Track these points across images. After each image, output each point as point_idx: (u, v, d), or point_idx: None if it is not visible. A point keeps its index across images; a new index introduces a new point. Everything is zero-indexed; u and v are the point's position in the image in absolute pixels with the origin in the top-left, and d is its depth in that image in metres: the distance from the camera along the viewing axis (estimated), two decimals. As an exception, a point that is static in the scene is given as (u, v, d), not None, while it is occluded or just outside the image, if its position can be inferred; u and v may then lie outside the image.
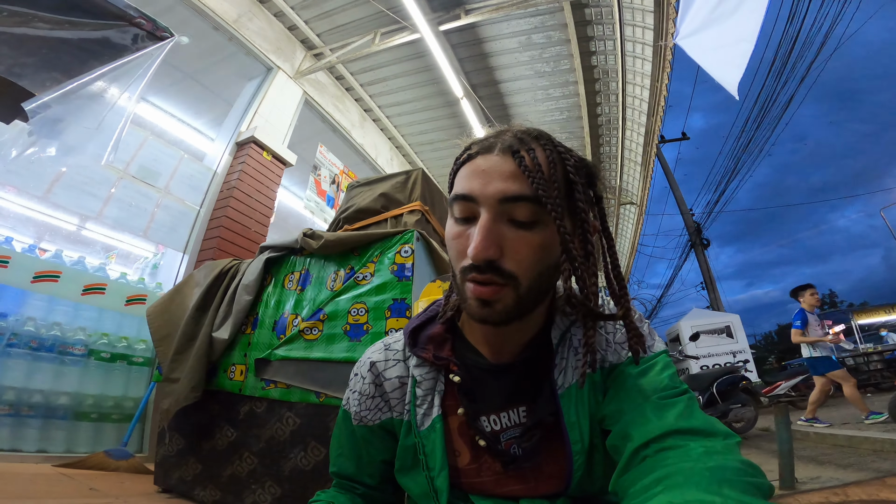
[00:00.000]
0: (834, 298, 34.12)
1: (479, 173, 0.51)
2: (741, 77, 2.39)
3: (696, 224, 11.82)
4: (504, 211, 0.49)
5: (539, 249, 0.50)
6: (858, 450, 3.66)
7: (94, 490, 1.69)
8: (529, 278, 0.50)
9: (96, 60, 1.32)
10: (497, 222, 0.49)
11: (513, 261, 0.49)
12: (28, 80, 1.25)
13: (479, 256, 0.48)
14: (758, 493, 0.35)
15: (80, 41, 1.29)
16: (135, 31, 1.40)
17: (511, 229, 0.50)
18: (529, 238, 0.50)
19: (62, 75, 1.28)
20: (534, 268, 0.50)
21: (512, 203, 0.49)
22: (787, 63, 6.50)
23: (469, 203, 0.51)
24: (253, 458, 1.61)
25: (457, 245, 0.53)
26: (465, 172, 0.53)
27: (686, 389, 0.51)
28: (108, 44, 1.34)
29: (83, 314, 2.52)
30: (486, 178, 0.50)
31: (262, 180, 3.77)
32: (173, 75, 4.21)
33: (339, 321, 1.62)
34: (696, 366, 7.13)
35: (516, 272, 0.49)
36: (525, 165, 0.49)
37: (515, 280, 0.49)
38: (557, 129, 6.89)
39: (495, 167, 0.50)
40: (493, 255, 0.48)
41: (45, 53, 1.25)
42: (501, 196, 0.49)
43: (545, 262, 0.51)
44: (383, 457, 0.65)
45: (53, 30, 1.24)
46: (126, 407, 2.60)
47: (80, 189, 2.64)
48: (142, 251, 4.02)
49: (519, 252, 0.49)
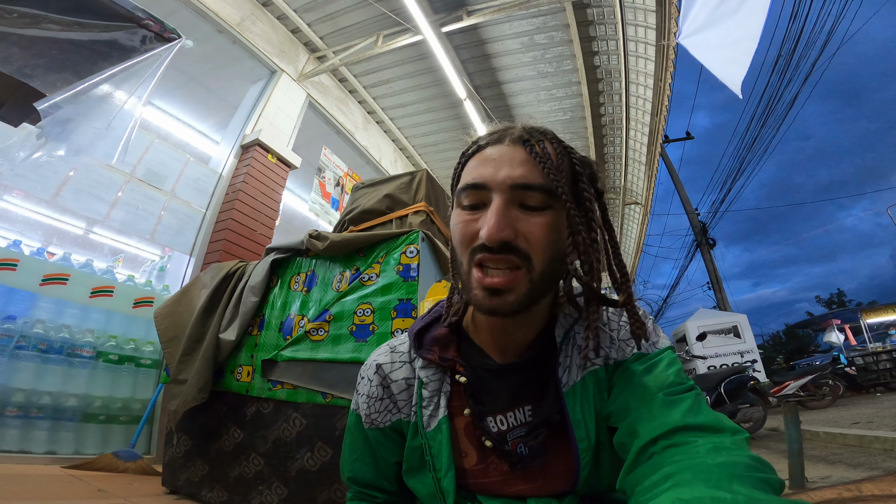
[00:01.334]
0: (842, 298, 33.68)
1: (491, 161, 0.52)
2: (745, 75, 2.39)
3: (702, 224, 11.74)
4: (515, 197, 0.50)
5: (551, 230, 0.51)
6: (869, 449, 3.62)
7: (102, 491, 1.70)
8: (542, 261, 0.50)
9: (105, 61, 1.34)
10: (509, 206, 0.50)
11: (526, 241, 0.50)
12: (39, 81, 1.27)
13: (493, 237, 0.48)
14: (768, 488, 0.35)
15: (90, 42, 1.30)
16: (143, 33, 1.41)
17: (522, 213, 0.51)
18: (541, 221, 0.50)
19: (72, 76, 1.30)
20: (546, 250, 0.50)
21: (523, 190, 0.50)
22: (790, 61, 6.45)
23: (480, 191, 0.52)
24: (260, 458, 1.62)
25: (463, 229, 0.53)
26: (475, 163, 0.54)
27: (693, 386, 0.50)
28: (116, 45, 1.36)
29: (91, 316, 2.54)
30: (498, 166, 0.51)
31: (267, 183, 3.79)
32: (178, 79, 4.25)
33: (345, 322, 1.62)
34: (704, 366, 7.08)
35: (530, 252, 0.50)
36: (536, 153, 0.51)
37: (529, 262, 0.50)
38: (561, 130, 6.89)
39: (506, 155, 0.52)
40: (508, 235, 0.48)
41: (55, 55, 1.27)
42: (513, 182, 0.50)
43: (556, 245, 0.51)
44: (398, 458, 0.64)
45: (63, 31, 1.25)
46: (134, 409, 2.61)
47: (88, 192, 2.66)
48: (149, 254, 4.05)
49: (532, 233, 0.50)
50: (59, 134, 1.29)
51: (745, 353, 8.25)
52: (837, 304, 31.45)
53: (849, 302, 31.82)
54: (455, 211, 0.56)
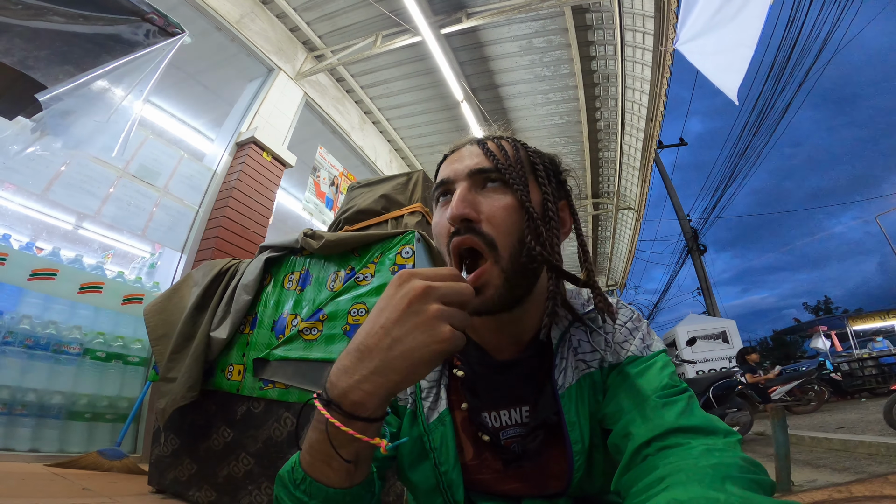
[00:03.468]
0: (829, 305, 34.22)
1: (453, 160, 0.60)
2: (741, 82, 2.38)
3: (693, 230, 11.86)
4: (475, 182, 0.56)
5: (512, 210, 0.54)
6: (854, 453, 3.67)
7: (86, 490, 1.68)
8: (508, 246, 0.52)
9: (108, 55, 1.33)
10: (469, 190, 0.55)
11: (489, 224, 0.53)
12: (41, 73, 1.25)
13: (455, 214, 0.52)
14: (760, 489, 0.36)
15: (94, 35, 1.29)
16: (147, 27, 1.41)
17: (482, 194, 0.55)
18: (501, 199, 0.54)
19: (74, 68, 1.29)
20: (510, 233, 0.53)
21: (480, 174, 0.56)
22: (785, 68, 6.49)
23: (446, 185, 0.58)
24: (249, 458, 1.60)
25: (439, 224, 0.58)
26: (443, 167, 0.62)
27: (686, 388, 0.51)
28: (120, 39, 1.35)
29: (79, 313, 2.51)
30: (458, 161, 0.59)
31: (261, 181, 3.77)
32: (175, 75, 4.21)
33: (339, 321, 1.61)
34: (693, 370, 7.15)
35: (493, 235, 0.52)
36: (487, 148, 0.57)
37: (496, 251, 0.52)
38: (557, 134, 6.94)
39: (465, 153, 0.60)
40: (469, 213, 0.52)
41: (58, 46, 1.26)
42: (469, 170, 0.56)
43: (519, 225, 0.53)
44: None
45: (67, 24, 1.24)
46: (120, 407, 2.58)
47: (79, 187, 2.63)
48: (139, 251, 4.01)
49: (494, 215, 0.53)
50: (57, 126, 1.28)
51: (733, 359, 8.35)
52: (824, 311, 31.94)
53: (835, 309, 32.33)
54: (434, 213, 0.62)
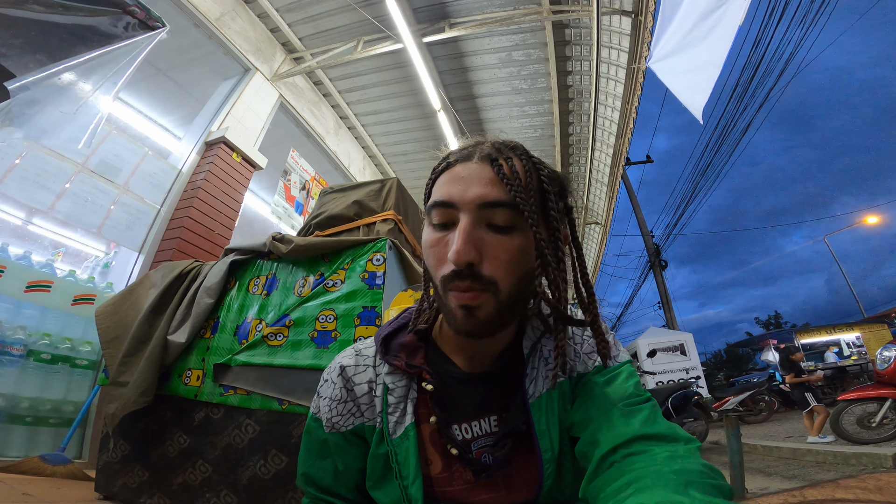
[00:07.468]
0: (779, 319, 36.24)
1: (459, 180, 0.52)
2: (707, 101, 2.42)
3: (656, 245, 12.33)
4: (483, 216, 0.51)
5: (517, 253, 0.51)
6: (802, 461, 3.90)
7: (27, 495, 1.57)
8: (508, 283, 0.51)
9: (84, 46, 1.28)
10: (476, 226, 0.50)
11: (491, 266, 0.50)
12: (12, 62, 1.19)
13: (460, 259, 0.48)
14: (720, 494, 0.37)
15: (72, 26, 1.24)
16: (127, 20, 1.36)
17: (489, 234, 0.51)
18: (507, 242, 0.51)
19: (47, 58, 1.23)
20: (512, 272, 0.51)
21: (490, 208, 0.50)
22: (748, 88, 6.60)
23: (448, 209, 0.52)
24: (207, 465, 1.55)
25: (435, 253, 0.53)
26: (444, 180, 0.55)
27: (649, 397, 0.53)
28: (98, 30, 1.30)
29: (24, 312, 2.35)
30: (466, 185, 0.52)
31: (229, 182, 3.66)
32: (144, 70, 4.02)
33: (306, 327, 1.59)
34: (653, 381, 7.39)
35: (495, 277, 0.50)
36: (503, 173, 0.51)
37: (495, 286, 0.50)
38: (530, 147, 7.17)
39: (474, 174, 0.52)
40: (474, 258, 0.49)
41: (33, 35, 1.20)
42: (480, 201, 0.50)
43: (522, 267, 0.52)
44: (359, 464, 0.62)
45: (46, 13, 1.19)
46: (65, 411, 2.42)
47: (33, 181, 2.48)
48: (93, 249, 3.79)
49: (498, 257, 0.50)
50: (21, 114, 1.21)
51: (690, 370, 8.69)
52: (774, 326, 33.79)
53: (784, 324, 34.30)
54: (426, 228, 0.56)
